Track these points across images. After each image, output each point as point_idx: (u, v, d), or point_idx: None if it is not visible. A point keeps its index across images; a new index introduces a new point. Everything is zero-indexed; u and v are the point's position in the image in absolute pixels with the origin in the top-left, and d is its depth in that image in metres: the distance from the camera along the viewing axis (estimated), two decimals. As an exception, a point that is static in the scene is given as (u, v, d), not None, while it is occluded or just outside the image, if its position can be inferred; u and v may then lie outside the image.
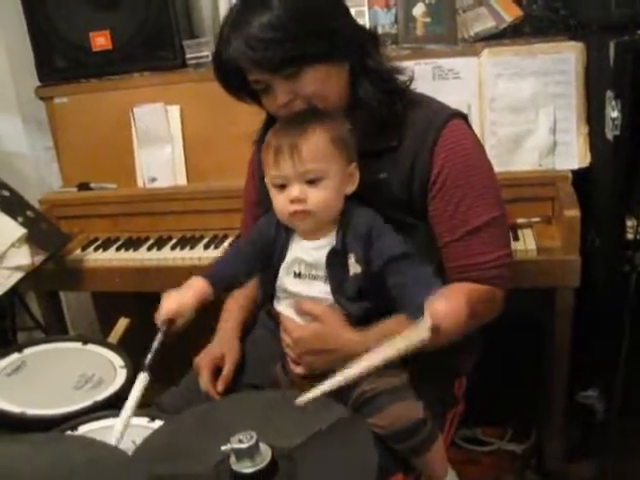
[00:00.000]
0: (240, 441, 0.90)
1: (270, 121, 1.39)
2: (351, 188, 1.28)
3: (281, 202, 1.26)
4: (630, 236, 1.75)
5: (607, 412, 1.96)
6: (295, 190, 1.23)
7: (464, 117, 1.38)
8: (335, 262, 1.26)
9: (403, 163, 1.31)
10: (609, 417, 1.95)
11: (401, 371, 1.27)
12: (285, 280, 1.32)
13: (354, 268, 1.25)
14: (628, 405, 1.87)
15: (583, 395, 2.02)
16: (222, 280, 1.35)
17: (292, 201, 1.24)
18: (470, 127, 1.39)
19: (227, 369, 1.45)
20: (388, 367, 1.24)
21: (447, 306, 1.06)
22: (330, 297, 1.28)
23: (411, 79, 1.37)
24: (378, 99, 1.31)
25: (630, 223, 1.75)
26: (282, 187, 1.25)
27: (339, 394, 1.25)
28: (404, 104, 1.33)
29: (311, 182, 1.23)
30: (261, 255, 1.35)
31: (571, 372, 1.97)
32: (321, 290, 1.28)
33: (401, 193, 1.32)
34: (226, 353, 1.48)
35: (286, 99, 1.27)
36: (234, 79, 1.31)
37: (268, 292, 1.39)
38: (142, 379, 1.21)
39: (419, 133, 1.31)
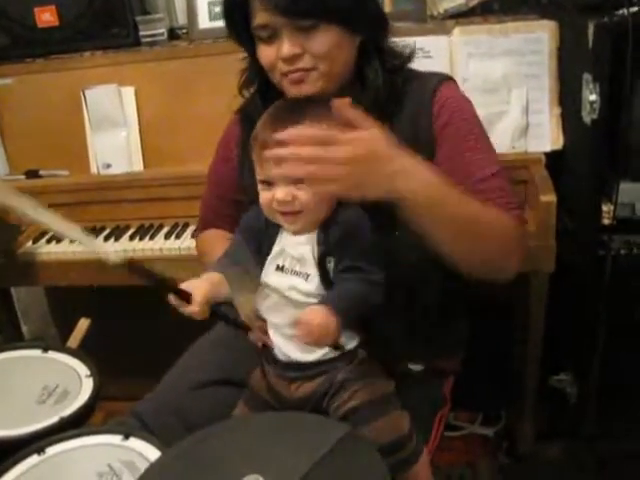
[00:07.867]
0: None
1: (260, 90, 1.34)
2: None
3: (267, 199, 1.16)
4: (606, 221, 1.71)
5: (580, 396, 1.95)
6: (281, 192, 1.13)
7: (454, 81, 1.37)
8: (322, 264, 1.16)
9: (404, 131, 1.25)
10: (582, 400, 1.94)
11: (386, 380, 1.21)
12: (268, 272, 1.21)
13: (333, 272, 1.16)
14: (600, 388, 1.87)
15: (556, 379, 2.00)
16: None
17: (279, 203, 1.14)
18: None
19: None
20: (374, 377, 1.20)
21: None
22: (307, 299, 1.16)
23: (411, 55, 1.35)
24: (383, 78, 1.28)
25: (606, 208, 1.71)
26: (269, 184, 1.16)
27: (317, 404, 1.19)
28: (403, 79, 1.31)
29: (299, 181, 1.12)
30: (252, 247, 1.24)
31: (543, 356, 1.96)
32: (300, 289, 1.17)
33: None
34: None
35: (293, 52, 1.20)
36: (240, 17, 1.24)
37: None
38: None
39: (415, 100, 1.30)
